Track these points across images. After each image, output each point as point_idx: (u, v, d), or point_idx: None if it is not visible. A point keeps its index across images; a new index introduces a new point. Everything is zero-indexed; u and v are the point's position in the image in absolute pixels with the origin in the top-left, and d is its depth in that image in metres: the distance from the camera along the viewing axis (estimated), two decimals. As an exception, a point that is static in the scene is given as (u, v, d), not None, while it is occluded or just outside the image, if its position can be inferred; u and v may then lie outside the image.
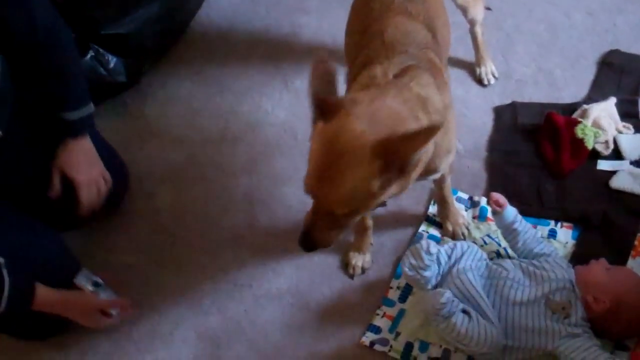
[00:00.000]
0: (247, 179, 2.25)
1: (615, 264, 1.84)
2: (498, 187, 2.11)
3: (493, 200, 1.92)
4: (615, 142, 2.15)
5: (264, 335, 1.95)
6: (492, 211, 1.93)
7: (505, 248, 1.99)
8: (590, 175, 2.11)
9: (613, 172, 2.10)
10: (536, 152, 2.19)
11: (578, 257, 1.92)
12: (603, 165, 2.12)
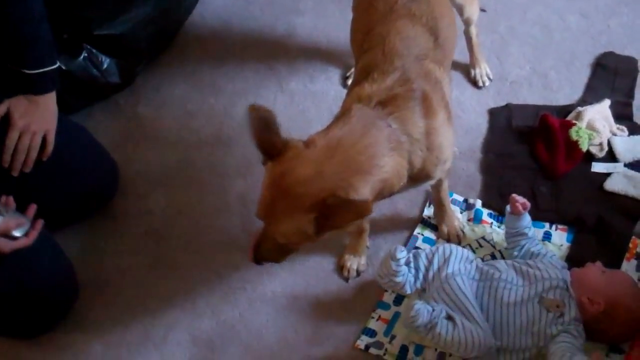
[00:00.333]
0: (242, 181, 2.24)
1: (609, 267, 1.84)
2: (493, 189, 2.12)
3: (519, 202, 1.90)
4: (609, 145, 2.15)
5: (259, 338, 1.94)
6: (512, 212, 1.91)
7: (500, 251, 1.99)
8: (584, 177, 2.11)
9: (607, 175, 2.10)
10: (531, 154, 2.19)
11: (573, 260, 1.92)
12: (597, 167, 2.13)
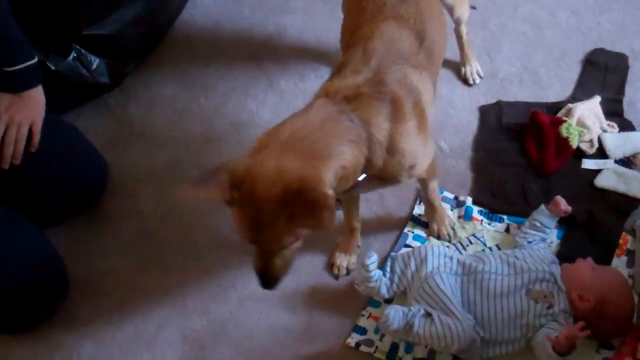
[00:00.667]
0: (232, 180, 2.24)
1: (600, 263, 1.84)
2: (483, 187, 2.12)
3: (563, 205, 1.92)
4: (599, 141, 2.15)
5: (249, 336, 1.94)
6: (552, 211, 1.92)
7: (490, 248, 1.99)
8: (575, 174, 2.11)
9: (598, 171, 2.10)
10: (521, 151, 2.18)
11: (563, 256, 1.92)
12: (588, 164, 2.12)
